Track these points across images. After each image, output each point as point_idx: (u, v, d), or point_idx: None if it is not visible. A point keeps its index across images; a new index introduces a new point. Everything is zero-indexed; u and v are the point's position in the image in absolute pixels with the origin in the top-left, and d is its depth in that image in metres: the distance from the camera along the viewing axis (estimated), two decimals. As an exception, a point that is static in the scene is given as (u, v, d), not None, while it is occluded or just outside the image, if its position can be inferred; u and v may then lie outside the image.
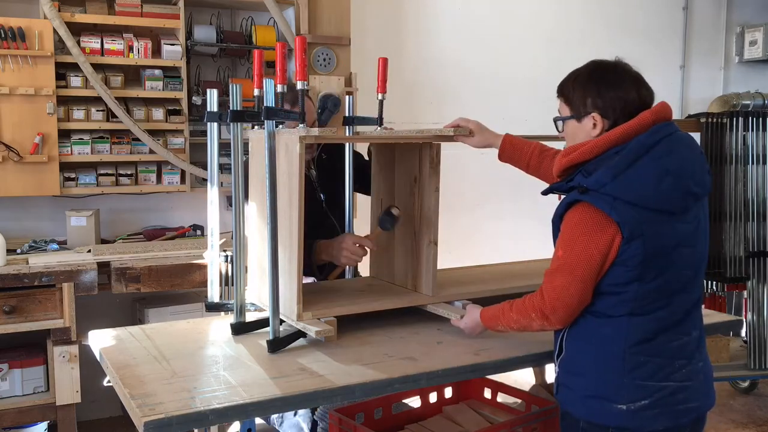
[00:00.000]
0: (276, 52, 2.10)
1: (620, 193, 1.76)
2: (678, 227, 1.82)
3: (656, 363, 1.84)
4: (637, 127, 1.81)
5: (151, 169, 3.91)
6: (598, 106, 1.85)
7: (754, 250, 4.17)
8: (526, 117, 4.95)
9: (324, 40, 4.09)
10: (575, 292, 1.82)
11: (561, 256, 1.85)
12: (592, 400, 1.87)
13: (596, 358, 1.87)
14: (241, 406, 1.72)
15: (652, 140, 1.79)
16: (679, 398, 1.85)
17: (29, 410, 3.42)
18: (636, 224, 1.76)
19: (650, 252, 1.78)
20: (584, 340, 1.89)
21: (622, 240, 1.76)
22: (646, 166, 1.77)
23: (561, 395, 1.96)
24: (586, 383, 1.88)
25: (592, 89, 1.86)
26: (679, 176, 1.78)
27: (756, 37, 5.88)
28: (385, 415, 2.45)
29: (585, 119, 1.88)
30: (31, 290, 3.32)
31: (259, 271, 2.34)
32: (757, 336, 4.19)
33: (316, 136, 2.07)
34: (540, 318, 1.89)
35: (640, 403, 1.82)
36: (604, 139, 1.83)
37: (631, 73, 1.88)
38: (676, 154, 1.80)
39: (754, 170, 4.17)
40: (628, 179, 1.76)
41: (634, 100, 1.85)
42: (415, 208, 2.42)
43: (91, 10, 3.71)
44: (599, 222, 1.78)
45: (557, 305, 1.84)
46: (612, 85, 1.85)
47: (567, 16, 5.37)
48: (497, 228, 5.13)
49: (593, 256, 1.79)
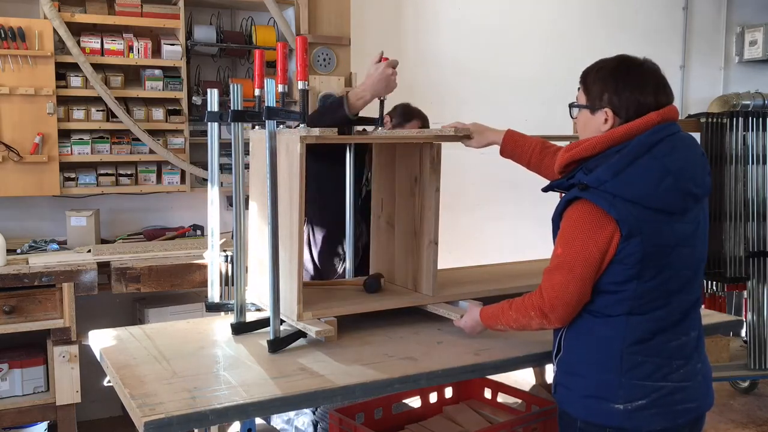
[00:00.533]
0: (277, 52, 2.10)
1: (620, 191, 1.76)
2: (677, 227, 1.81)
3: (654, 363, 1.83)
4: (641, 127, 1.81)
5: (151, 169, 3.91)
6: (613, 103, 1.84)
7: (754, 250, 4.17)
8: (526, 117, 4.95)
9: (324, 40, 4.10)
10: (574, 290, 1.82)
11: (560, 254, 1.85)
12: (589, 400, 1.87)
13: (594, 358, 1.86)
14: (241, 406, 1.72)
15: (653, 139, 1.79)
16: (677, 398, 1.84)
17: (29, 410, 3.42)
18: (635, 222, 1.75)
19: (649, 250, 1.77)
20: (582, 339, 1.89)
21: (621, 237, 1.76)
22: (647, 164, 1.77)
23: (559, 395, 1.96)
24: (583, 383, 1.88)
25: (611, 85, 1.85)
26: (680, 177, 1.78)
27: (756, 37, 5.88)
28: (385, 415, 2.45)
29: (598, 113, 1.87)
30: (31, 290, 3.32)
31: (260, 271, 2.34)
32: (757, 336, 4.19)
33: (316, 136, 2.07)
34: (539, 317, 1.89)
35: (637, 403, 1.82)
36: (607, 136, 1.83)
37: (656, 76, 1.86)
38: (677, 155, 1.80)
39: (754, 170, 4.17)
40: (628, 177, 1.76)
41: (650, 103, 1.83)
42: (415, 208, 2.42)
43: (91, 10, 3.71)
44: (598, 219, 1.78)
45: (556, 303, 1.84)
46: (631, 85, 1.84)
47: (567, 16, 5.37)
48: (497, 228, 5.13)
49: (592, 253, 1.79)
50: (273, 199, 2.06)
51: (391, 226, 2.56)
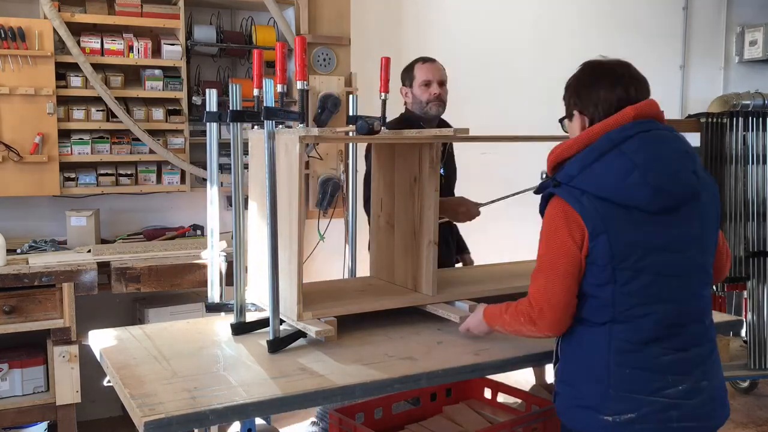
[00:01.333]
0: (276, 52, 2.10)
1: (587, 187, 1.76)
2: (655, 230, 1.76)
3: (644, 376, 1.78)
4: (617, 121, 1.80)
5: (151, 169, 3.91)
6: (578, 105, 1.89)
7: (754, 250, 4.16)
8: (527, 117, 4.94)
9: (324, 40, 4.09)
10: (559, 289, 1.79)
11: (542, 254, 1.84)
12: (580, 410, 1.85)
13: (584, 367, 1.84)
14: (241, 406, 1.72)
15: (622, 136, 1.77)
16: (672, 416, 1.77)
17: (29, 410, 3.42)
18: (600, 219, 1.74)
19: (618, 249, 1.74)
20: (574, 348, 1.87)
21: (588, 235, 1.75)
22: (613, 160, 1.76)
23: (557, 403, 1.95)
24: (574, 392, 1.86)
25: (573, 88, 1.91)
26: (647, 172, 1.74)
27: (756, 37, 5.88)
28: (385, 415, 2.46)
29: (574, 119, 1.92)
30: (31, 290, 3.32)
31: (259, 271, 2.34)
32: (757, 336, 4.19)
33: (316, 136, 2.08)
34: (528, 323, 1.86)
35: (626, 416, 1.77)
36: (583, 135, 1.84)
37: (623, 72, 1.86)
38: (648, 151, 1.76)
39: (754, 170, 4.17)
40: (593, 172, 1.77)
41: (620, 97, 1.82)
42: (415, 208, 2.42)
43: (91, 10, 3.71)
44: (570, 216, 1.77)
45: (543, 307, 1.81)
46: (592, 83, 1.86)
47: (567, 16, 5.36)
48: (497, 228, 5.11)
49: (571, 249, 1.77)
50: (272, 199, 2.06)
51: (391, 226, 2.56)
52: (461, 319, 2.27)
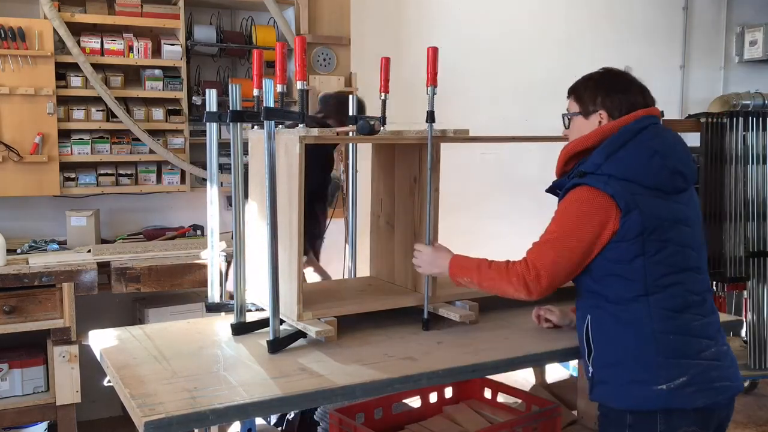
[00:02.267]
0: (276, 52, 2.10)
1: (614, 171, 1.89)
2: (673, 206, 1.92)
3: (685, 340, 1.88)
4: (628, 120, 1.98)
5: (151, 169, 3.91)
6: (606, 105, 2.01)
7: (754, 250, 4.17)
8: (527, 117, 4.95)
9: (324, 40, 4.10)
10: (565, 266, 1.90)
11: (553, 230, 1.94)
12: (632, 386, 1.89)
13: (628, 344, 1.89)
14: (241, 406, 1.72)
15: (638, 126, 1.95)
16: (714, 376, 1.89)
17: (29, 410, 3.42)
18: (630, 197, 1.86)
19: (648, 223, 1.86)
20: (611, 329, 1.92)
21: (621, 214, 1.85)
22: (635, 147, 1.92)
23: (598, 393, 1.97)
24: (623, 371, 1.91)
25: (602, 90, 2.03)
26: (666, 156, 1.92)
27: (756, 37, 5.88)
28: (385, 415, 2.45)
29: (592, 116, 2.03)
30: (31, 290, 3.32)
31: (259, 272, 2.34)
32: (757, 336, 4.19)
33: (315, 136, 2.07)
34: (520, 285, 1.93)
35: (678, 381, 1.86)
36: (597, 130, 1.99)
37: (636, 81, 2.06)
38: (661, 138, 1.95)
39: (754, 170, 4.17)
40: (619, 159, 1.90)
41: (638, 103, 2.01)
42: (415, 208, 2.42)
43: (91, 10, 3.71)
44: (595, 200, 1.88)
45: (543, 276, 1.90)
46: (620, 88, 2.02)
47: (567, 16, 5.36)
48: (497, 228, 5.12)
49: (586, 231, 1.87)
50: (272, 199, 2.06)
51: (391, 226, 2.56)
52: (461, 317, 2.27)
